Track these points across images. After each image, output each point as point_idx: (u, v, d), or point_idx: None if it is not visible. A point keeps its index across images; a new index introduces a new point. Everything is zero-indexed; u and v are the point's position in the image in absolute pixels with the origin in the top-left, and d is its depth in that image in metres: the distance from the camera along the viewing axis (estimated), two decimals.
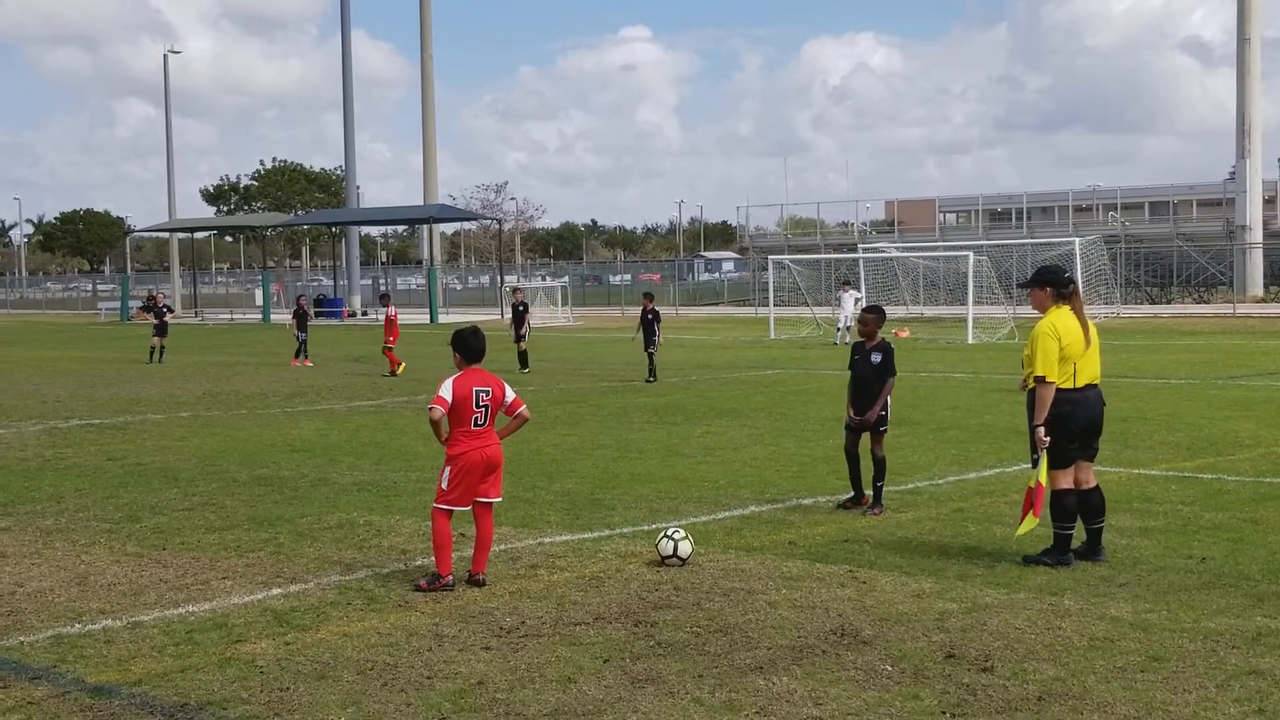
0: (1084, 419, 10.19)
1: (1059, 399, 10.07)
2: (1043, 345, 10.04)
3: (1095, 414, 10.28)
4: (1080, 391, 10.14)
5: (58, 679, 7.74)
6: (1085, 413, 10.19)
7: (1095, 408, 10.27)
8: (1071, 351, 10.06)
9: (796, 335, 47.09)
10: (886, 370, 12.59)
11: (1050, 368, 10.03)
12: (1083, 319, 10.21)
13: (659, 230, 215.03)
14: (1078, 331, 10.12)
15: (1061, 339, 10.05)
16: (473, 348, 9.99)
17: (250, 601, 9.47)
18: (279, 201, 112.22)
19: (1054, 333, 10.07)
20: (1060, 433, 10.13)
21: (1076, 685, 7.36)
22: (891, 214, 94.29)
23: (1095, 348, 10.24)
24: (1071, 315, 10.20)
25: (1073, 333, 10.10)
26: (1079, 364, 10.09)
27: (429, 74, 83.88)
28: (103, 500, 13.74)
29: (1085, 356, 10.13)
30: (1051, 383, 10.03)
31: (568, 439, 18.28)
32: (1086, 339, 10.16)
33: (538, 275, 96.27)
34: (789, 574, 10.07)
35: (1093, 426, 10.29)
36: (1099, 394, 10.31)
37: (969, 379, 27.87)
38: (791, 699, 7.22)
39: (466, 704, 7.20)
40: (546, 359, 36.31)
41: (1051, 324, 10.15)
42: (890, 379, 12.65)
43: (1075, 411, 10.13)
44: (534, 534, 11.71)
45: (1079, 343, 10.09)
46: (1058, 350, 10.03)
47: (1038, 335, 10.10)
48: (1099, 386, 10.32)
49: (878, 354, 12.60)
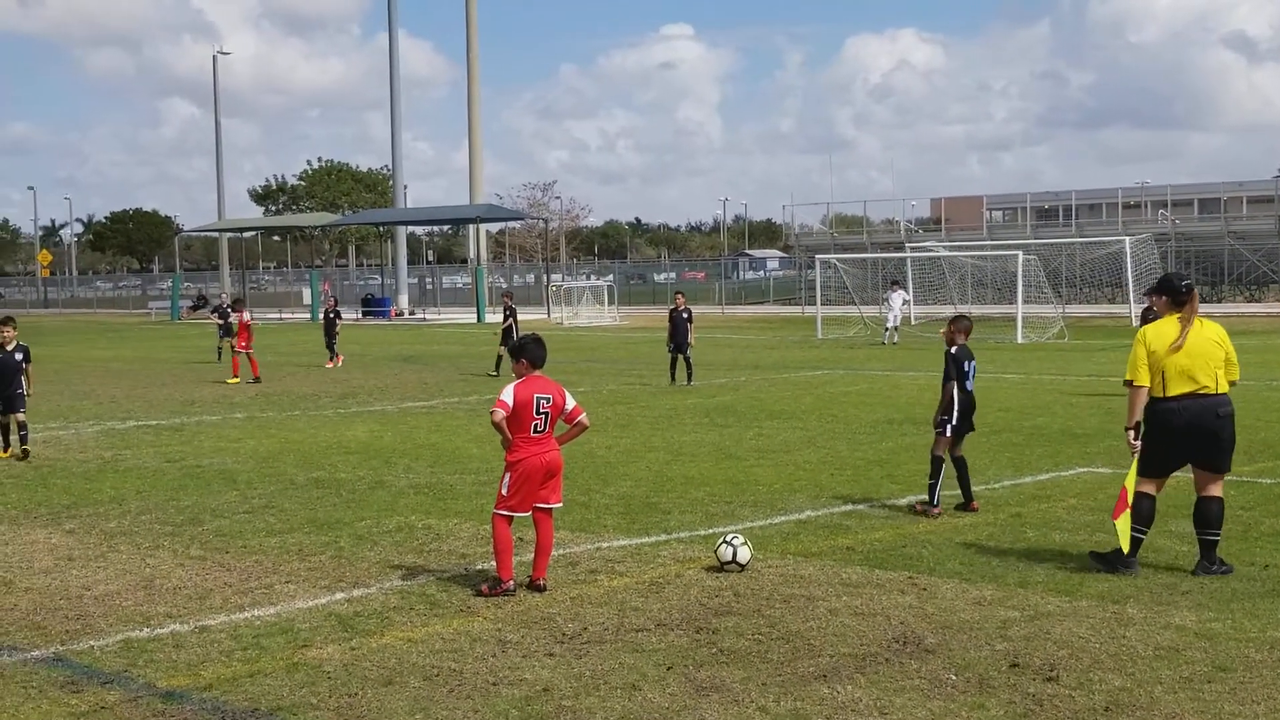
0: (1174, 427, 10.15)
1: (1149, 405, 10.20)
2: (1132, 350, 10.27)
3: (1190, 423, 10.14)
4: (1173, 400, 10.14)
5: (129, 683, 7.85)
6: (1177, 421, 10.14)
7: (1193, 417, 10.13)
8: (1158, 359, 10.13)
9: (844, 335, 46.98)
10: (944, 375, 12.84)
11: (1135, 372, 10.21)
12: (1185, 328, 10.17)
13: (703, 228, 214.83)
14: (1168, 340, 10.14)
15: (1149, 345, 10.17)
16: (535, 355, 10.04)
17: (314, 606, 9.56)
18: (326, 201, 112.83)
19: (1143, 339, 10.24)
20: (1148, 438, 10.26)
21: (1143, 696, 7.34)
22: (938, 212, 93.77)
23: (1204, 357, 10.11)
24: (1172, 323, 10.25)
25: (1162, 340, 10.16)
26: (1168, 372, 10.11)
27: (474, 74, 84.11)
28: (164, 503, 13.90)
29: (1177, 365, 10.08)
30: (1140, 386, 10.19)
31: (620, 441, 18.33)
32: (1176, 347, 10.11)
33: (582, 274, 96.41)
34: (848, 580, 10.08)
35: (1190, 436, 10.18)
36: (1204, 403, 10.14)
37: (1020, 380, 27.73)
38: (857, 708, 7.23)
39: (533, 711, 7.26)
40: (594, 359, 36.39)
41: (1144, 331, 10.35)
42: (945, 383, 12.83)
43: (1165, 419, 10.16)
44: (592, 538, 11.76)
45: (1165, 350, 10.12)
46: (1143, 356, 10.17)
47: (1134, 341, 10.33)
48: (1215, 395, 10.15)
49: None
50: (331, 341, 35.41)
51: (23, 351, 17.64)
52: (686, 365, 27.47)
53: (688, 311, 27.62)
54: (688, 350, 27.53)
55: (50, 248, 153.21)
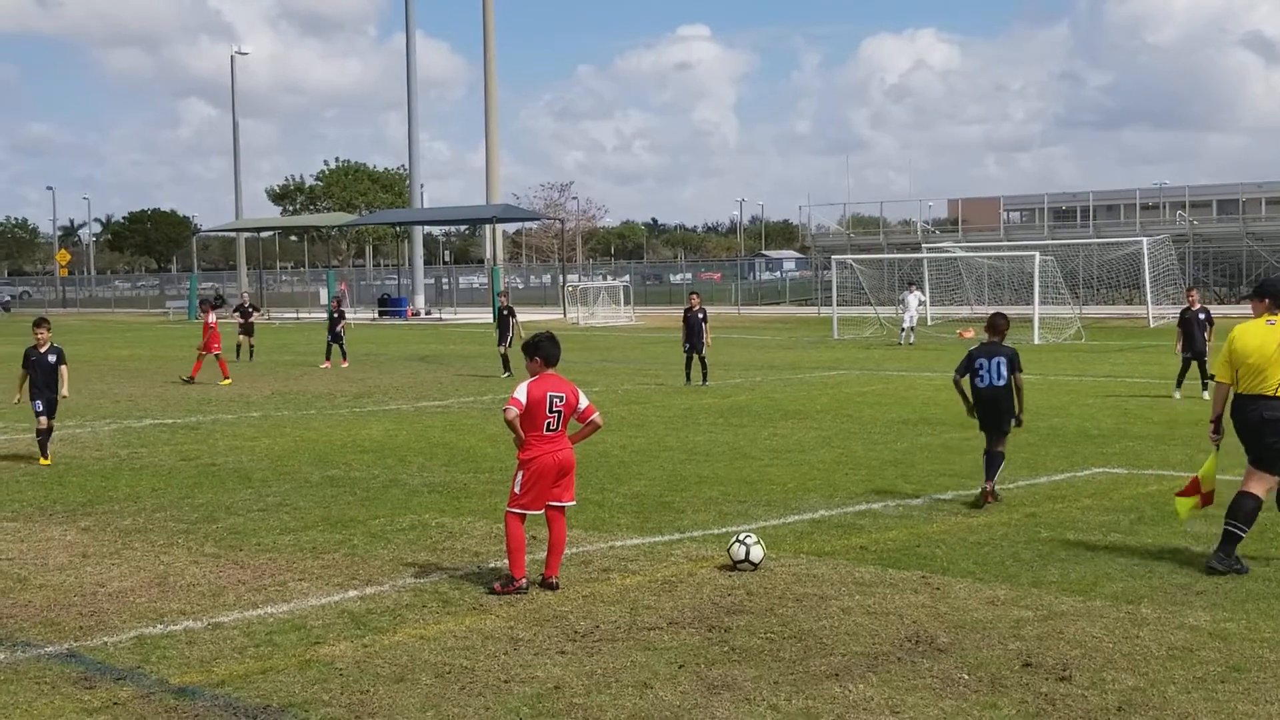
0: (1236, 425, 10.51)
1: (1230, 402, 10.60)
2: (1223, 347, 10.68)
3: (1239, 423, 10.47)
4: (1240, 398, 10.46)
5: (142, 679, 7.87)
6: (1236, 419, 10.49)
7: (1240, 417, 10.45)
8: (1236, 359, 10.44)
9: (860, 336, 46.92)
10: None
11: (1219, 369, 10.71)
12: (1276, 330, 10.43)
13: (719, 229, 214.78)
14: (1250, 341, 10.39)
15: (1233, 344, 10.49)
16: (549, 354, 10.04)
17: (327, 603, 9.58)
18: (343, 201, 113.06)
19: (1229, 337, 10.58)
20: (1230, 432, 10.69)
21: (1156, 695, 7.31)
22: (955, 212, 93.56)
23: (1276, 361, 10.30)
24: (1261, 325, 10.49)
25: (1243, 340, 10.43)
26: (1240, 372, 10.41)
27: (492, 75, 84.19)
28: (179, 500, 13.94)
29: (1251, 366, 10.33)
30: (1221, 383, 10.64)
31: (635, 440, 18.33)
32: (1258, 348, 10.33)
33: (599, 274, 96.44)
34: (861, 579, 10.06)
35: (1241, 434, 10.50)
36: (1253, 404, 10.32)
37: (1036, 380, 27.59)
38: (869, 707, 7.22)
39: (545, 709, 7.26)
40: (610, 359, 36.40)
41: (1235, 329, 10.61)
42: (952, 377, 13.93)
43: (1233, 416, 10.55)
44: (605, 537, 11.76)
45: (1242, 351, 10.39)
46: (1225, 354, 10.57)
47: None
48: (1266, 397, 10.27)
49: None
50: (335, 341, 35.16)
51: (56, 354, 17.11)
52: (702, 365, 27.43)
53: (703, 312, 27.54)
54: (704, 350, 27.48)
55: (69, 247, 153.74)
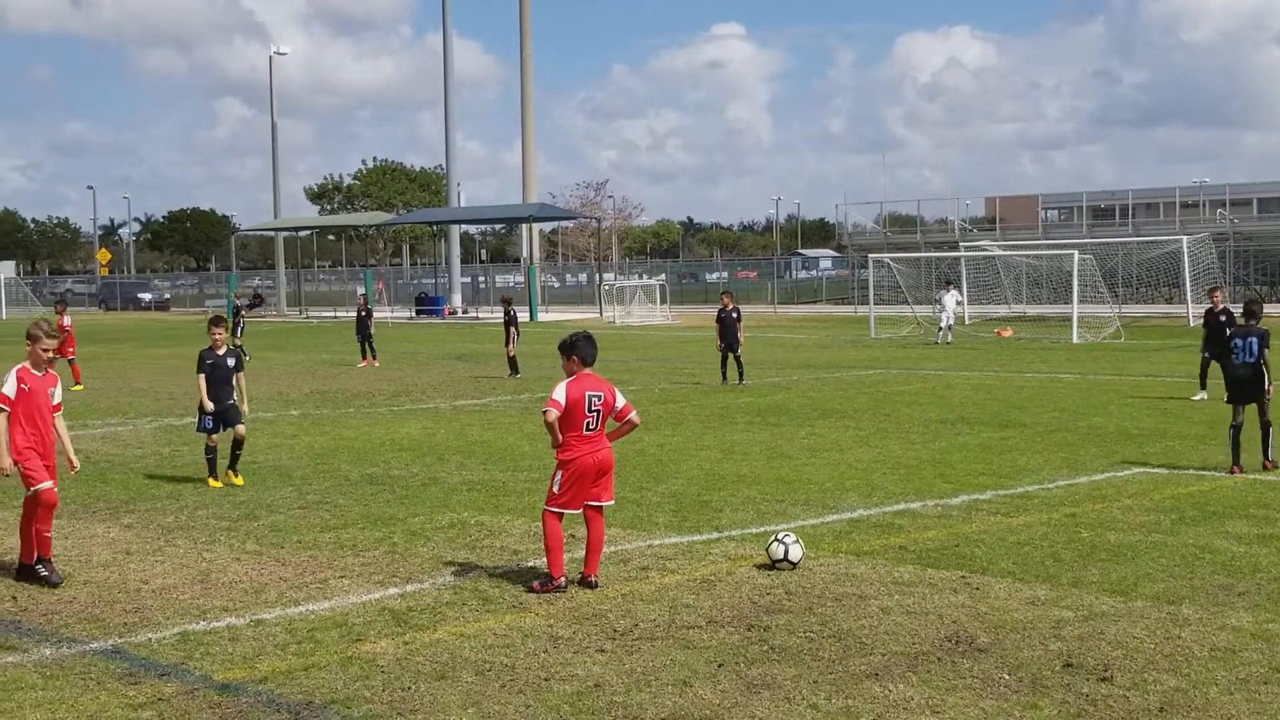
0: None
1: None
2: None
3: None
4: None
5: (186, 676, 7.95)
6: None
7: None
8: None
9: (897, 334, 46.77)
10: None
11: None
12: None
13: (755, 228, 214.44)
14: None
15: None
16: (585, 353, 10.06)
17: (368, 601, 9.64)
18: (381, 200, 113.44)
19: None
20: None
21: (1199, 697, 7.28)
22: (992, 211, 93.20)
23: None
24: None
25: None
26: None
27: (528, 74, 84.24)
28: (220, 498, 14.04)
29: None
30: None
31: (672, 439, 18.35)
32: None
33: (635, 273, 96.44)
34: (900, 579, 10.05)
35: None
36: None
37: (1075, 379, 27.51)
38: (909, 706, 7.22)
39: (585, 706, 7.29)
40: (646, 359, 36.42)
41: None
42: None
43: None
44: (643, 535, 11.78)
45: None
46: None
47: None
48: None
49: None
50: (365, 340, 35.26)
51: (234, 356, 15.22)
52: (738, 364, 27.40)
53: (736, 311, 27.54)
54: (738, 349, 27.48)
55: (109, 246, 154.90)
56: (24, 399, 10.31)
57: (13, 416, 10.26)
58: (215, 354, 14.91)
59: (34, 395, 10.37)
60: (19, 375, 10.35)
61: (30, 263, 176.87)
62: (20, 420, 10.30)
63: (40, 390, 10.42)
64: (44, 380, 10.49)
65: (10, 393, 10.27)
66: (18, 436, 10.26)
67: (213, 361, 14.86)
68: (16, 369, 10.42)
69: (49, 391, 10.50)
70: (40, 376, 10.47)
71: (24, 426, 10.31)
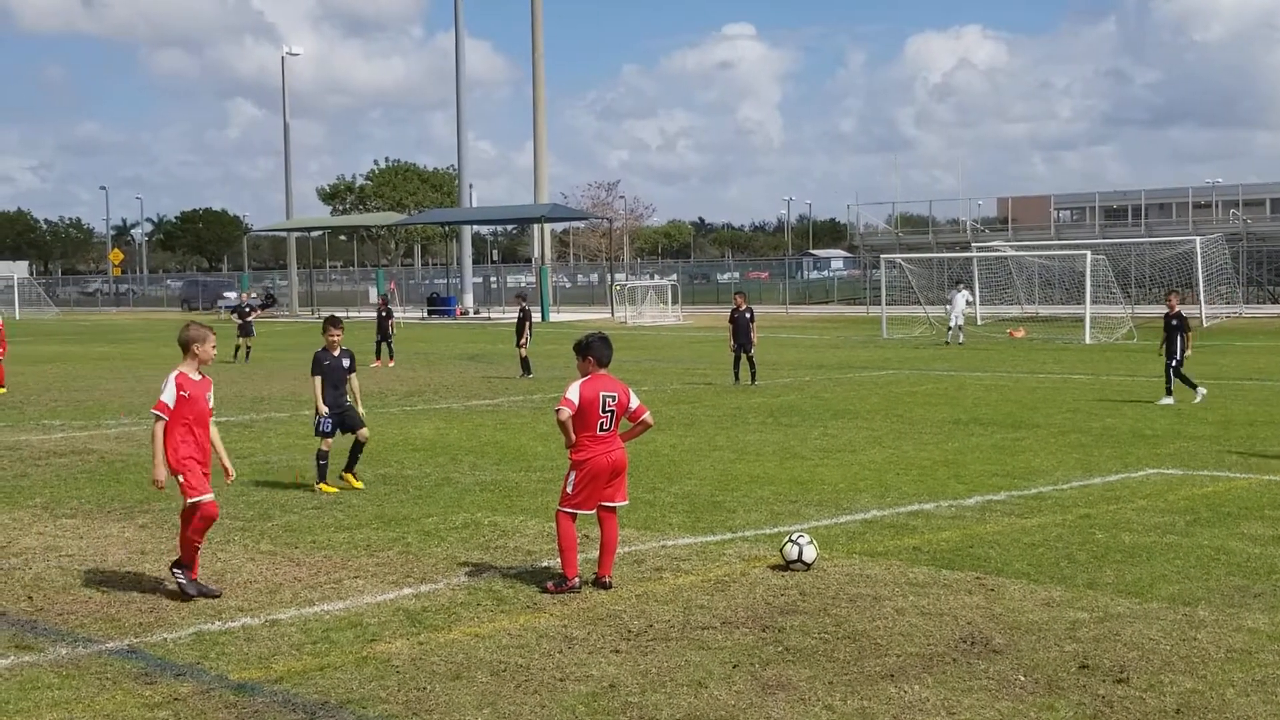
0: None
1: None
2: None
3: None
4: None
5: (202, 675, 7.96)
6: None
7: None
8: None
9: (909, 335, 46.73)
10: None
11: None
12: None
13: (767, 228, 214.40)
14: None
15: None
16: (600, 354, 10.07)
17: (383, 601, 9.65)
18: (393, 201, 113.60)
19: None
20: None
21: (1215, 698, 7.26)
22: (1004, 211, 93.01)
23: None
24: None
25: None
26: None
27: (540, 75, 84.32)
28: (234, 498, 14.07)
29: None
30: None
31: (685, 440, 18.35)
32: None
33: (646, 274, 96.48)
34: (915, 580, 10.04)
35: None
36: None
37: (1088, 380, 27.47)
38: (924, 708, 7.21)
39: (600, 707, 7.29)
40: (658, 359, 36.43)
41: None
42: None
43: None
44: (657, 536, 11.78)
45: None
46: None
47: None
48: None
49: None
50: (384, 340, 35.36)
51: (349, 357, 14.99)
52: (750, 365, 27.40)
53: (750, 311, 27.58)
54: (751, 350, 27.48)
55: (121, 246, 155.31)
56: (184, 406, 9.81)
57: (172, 424, 9.78)
58: (331, 355, 14.73)
59: (194, 401, 9.86)
60: (178, 381, 9.84)
61: (43, 263, 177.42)
62: (181, 428, 9.81)
63: (200, 396, 9.92)
64: (202, 385, 9.98)
65: (169, 400, 9.77)
66: (179, 445, 9.79)
67: (329, 363, 14.67)
68: (175, 374, 9.89)
69: (206, 397, 10.01)
70: (198, 381, 9.95)
71: (185, 434, 9.84)
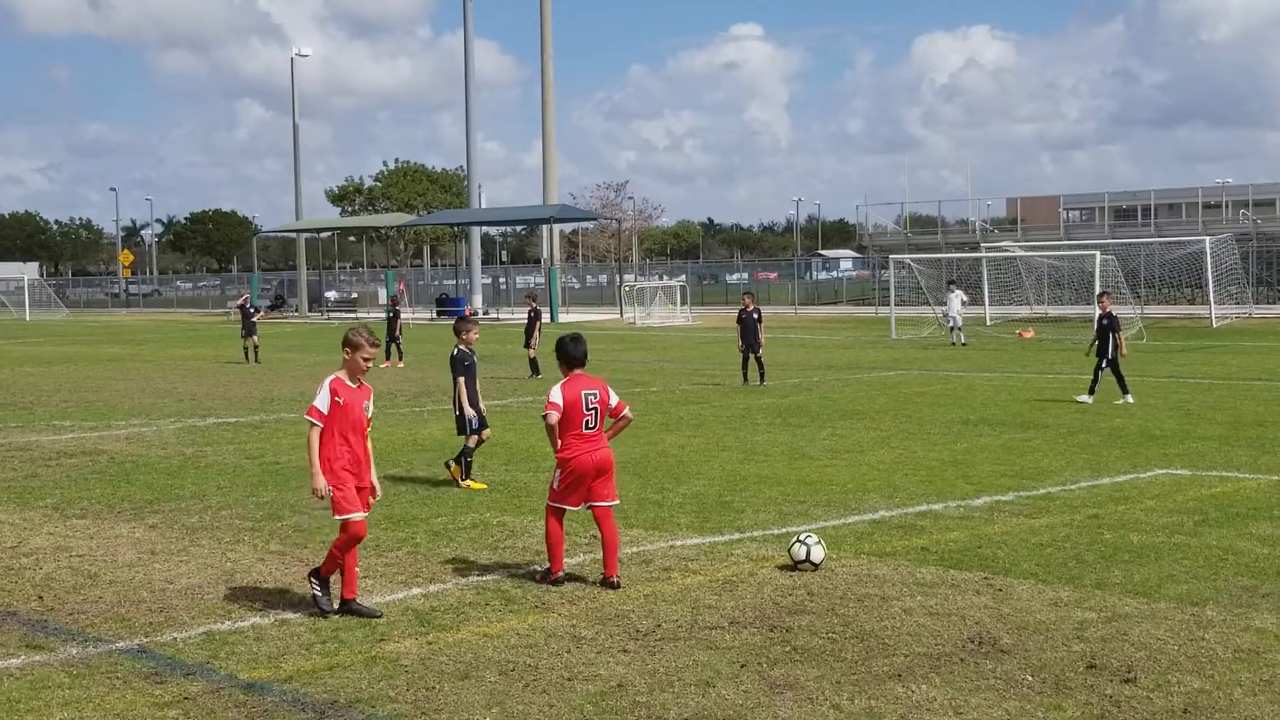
0: None
1: None
2: None
3: None
4: None
5: (211, 675, 7.99)
6: None
7: None
8: None
9: (918, 336, 46.70)
10: None
11: None
12: None
13: (775, 228, 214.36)
14: None
15: None
16: (573, 354, 10.23)
17: (391, 601, 9.68)
18: (402, 202, 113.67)
19: None
20: None
21: (1223, 698, 7.27)
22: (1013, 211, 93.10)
23: None
24: None
25: None
26: None
27: (548, 76, 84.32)
28: (244, 498, 14.12)
29: None
30: None
31: (693, 440, 18.37)
32: None
33: (655, 274, 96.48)
34: (923, 580, 10.05)
35: None
36: None
37: None
38: (932, 707, 7.22)
39: (608, 706, 7.31)
40: (667, 360, 36.44)
41: None
42: None
43: None
44: (665, 536, 11.80)
45: None
46: None
47: None
48: None
49: None
50: (393, 341, 35.40)
51: (474, 354, 15.15)
52: (759, 365, 27.42)
53: (757, 312, 27.67)
54: (759, 350, 27.50)
55: (131, 248, 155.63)
56: (338, 414, 9.33)
57: (326, 433, 9.30)
58: (470, 355, 14.93)
59: (349, 410, 9.37)
60: (332, 387, 9.38)
61: (53, 264, 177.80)
62: (336, 437, 9.34)
63: (355, 404, 9.43)
64: (359, 393, 9.51)
65: (322, 406, 9.30)
66: (332, 456, 9.31)
67: (469, 363, 14.86)
68: (330, 380, 9.45)
69: (364, 405, 9.55)
70: (355, 389, 9.48)
71: (340, 444, 9.36)
